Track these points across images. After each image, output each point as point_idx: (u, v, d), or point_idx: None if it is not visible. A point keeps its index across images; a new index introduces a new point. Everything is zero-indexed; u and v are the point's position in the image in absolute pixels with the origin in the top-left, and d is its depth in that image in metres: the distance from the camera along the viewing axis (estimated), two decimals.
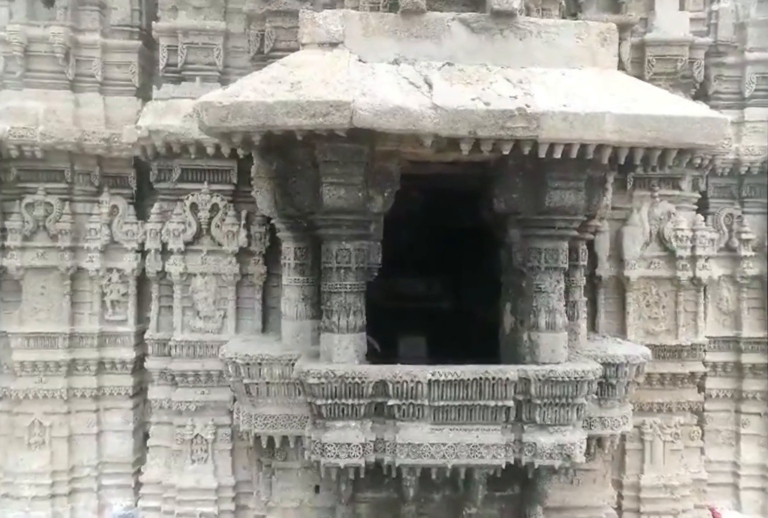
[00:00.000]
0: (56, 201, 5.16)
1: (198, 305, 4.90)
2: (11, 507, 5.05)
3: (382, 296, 4.81)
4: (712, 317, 5.55)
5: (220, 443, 4.91)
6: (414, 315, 5.29)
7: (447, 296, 6.18)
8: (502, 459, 3.77)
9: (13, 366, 5.14)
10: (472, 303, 5.39)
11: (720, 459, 5.53)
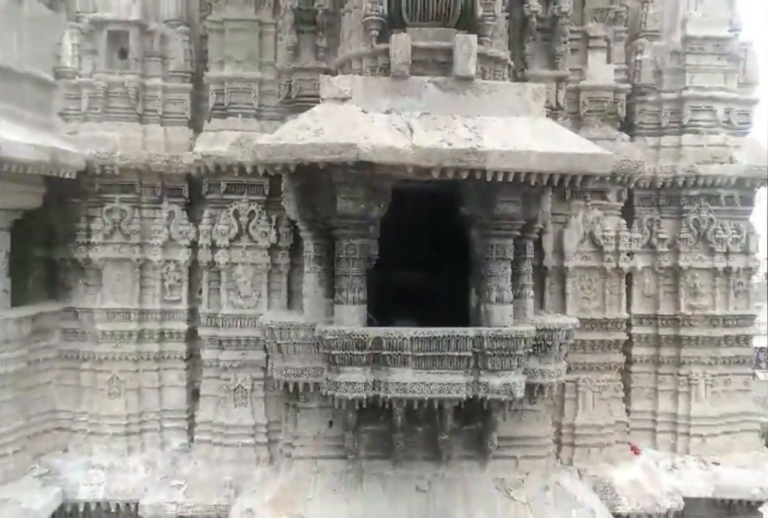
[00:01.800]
0: (128, 208, 6.49)
1: (239, 287, 6.24)
2: (97, 441, 6.38)
3: (381, 288, 6.07)
4: (637, 299, 6.87)
5: (256, 392, 6.25)
6: (407, 303, 6.54)
7: (436, 285, 7.45)
8: (464, 394, 5.11)
9: (96, 335, 6.47)
10: (455, 290, 6.68)
11: (642, 409, 6.83)
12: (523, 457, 5.85)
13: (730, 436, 6.73)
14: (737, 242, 6.76)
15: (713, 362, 6.76)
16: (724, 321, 6.74)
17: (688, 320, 6.71)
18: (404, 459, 5.77)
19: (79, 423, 6.48)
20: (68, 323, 6.57)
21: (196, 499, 5.80)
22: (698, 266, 6.72)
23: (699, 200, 6.71)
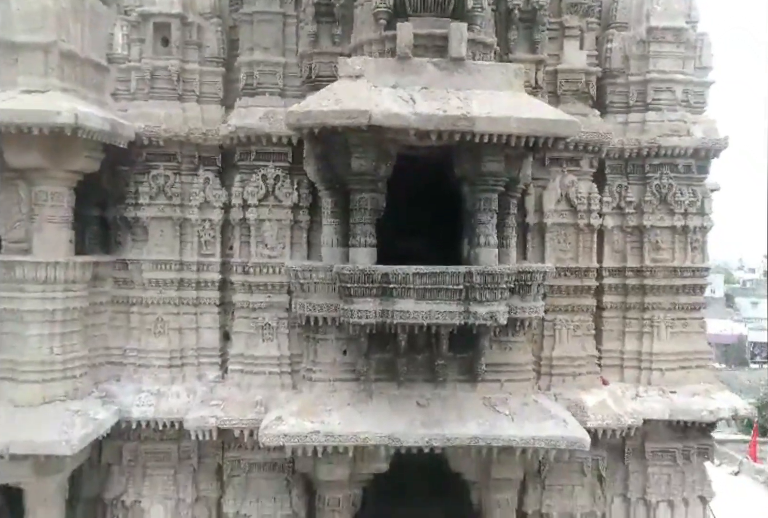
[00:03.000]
0: (171, 174, 7.44)
1: (266, 240, 7.21)
2: (145, 372, 7.36)
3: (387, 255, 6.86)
4: (607, 254, 7.83)
5: (280, 328, 7.21)
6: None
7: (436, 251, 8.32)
8: (456, 321, 6.08)
9: (143, 282, 7.44)
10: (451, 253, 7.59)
11: (612, 349, 7.79)
12: (507, 380, 6.86)
13: (686, 370, 7.70)
14: (694, 204, 7.73)
15: (673, 308, 7.73)
16: (682, 272, 7.70)
17: (652, 272, 7.67)
18: (407, 381, 6.76)
19: (129, 357, 7.47)
20: (119, 273, 7.54)
21: (233, 414, 6.80)
22: (660, 224, 7.68)
23: (661, 168, 7.67)
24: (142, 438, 7.33)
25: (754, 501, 19.50)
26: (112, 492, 7.40)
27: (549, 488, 7.35)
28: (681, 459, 7.65)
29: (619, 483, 7.72)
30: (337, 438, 6.13)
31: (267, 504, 7.14)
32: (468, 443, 6.20)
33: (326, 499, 6.76)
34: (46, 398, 6.34)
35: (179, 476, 7.41)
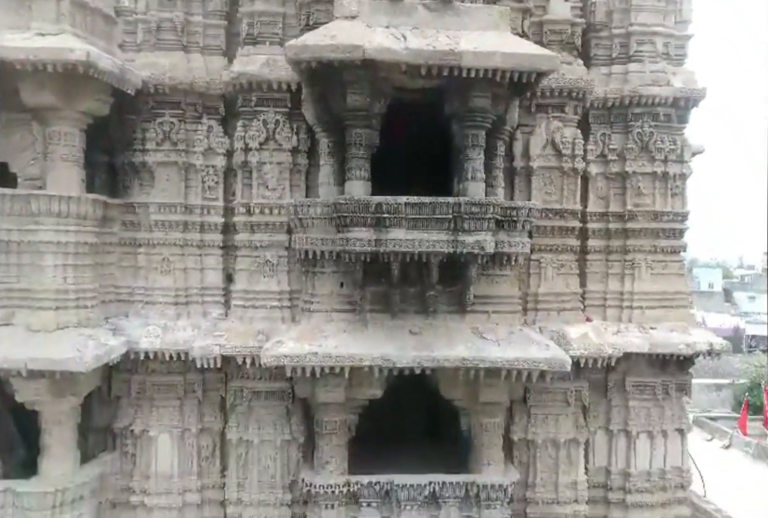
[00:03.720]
0: (176, 121, 7.79)
1: (267, 182, 7.58)
2: (152, 309, 7.72)
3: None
4: (592, 200, 8.15)
5: (281, 266, 7.59)
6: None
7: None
8: (445, 249, 6.44)
9: (150, 224, 7.81)
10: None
11: (595, 290, 8.15)
12: (494, 312, 7.24)
13: (665, 309, 8.08)
14: (673, 151, 8.09)
15: (654, 251, 8.10)
16: (662, 216, 8.07)
17: (633, 216, 8.03)
18: (400, 312, 7.13)
19: (136, 295, 7.84)
20: (127, 216, 7.90)
21: (235, 342, 7.19)
22: (641, 171, 8.04)
23: (642, 117, 8.02)
24: (150, 371, 7.72)
25: (743, 471, 20.07)
26: (121, 422, 7.80)
27: (534, 417, 7.76)
28: (660, 394, 8.04)
29: (602, 417, 8.12)
30: (333, 358, 6.51)
31: (268, 431, 7.54)
32: (457, 364, 6.59)
33: (324, 423, 7.15)
34: (60, 324, 6.71)
35: (185, 408, 7.80)
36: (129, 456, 7.81)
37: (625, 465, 8.02)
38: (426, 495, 7.05)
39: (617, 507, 8.02)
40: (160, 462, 7.72)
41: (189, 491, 7.75)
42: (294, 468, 7.55)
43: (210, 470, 7.87)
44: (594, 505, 8.05)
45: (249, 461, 7.53)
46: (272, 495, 7.50)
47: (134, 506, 7.74)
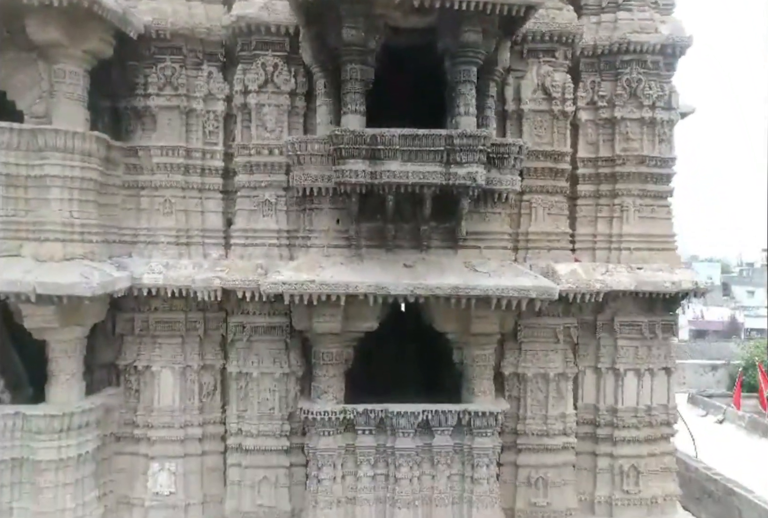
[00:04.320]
0: (177, 66, 8.01)
1: (266, 123, 7.80)
2: (155, 249, 7.92)
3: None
4: (582, 146, 8.37)
5: (279, 205, 7.81)
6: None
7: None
8: (438, 180, 6.70)
9: (152, 167, 8.05)
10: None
11: (585, 233, 8.39)
12: (486, 248, 7.50)
13: (652, 251, 8.32)
14: (661, 98, 8.32)
15: (642, 195, 8.34)
16: (650, 161, 8.30)
17: (622, 160, 8.26)
18: (395, 248, 7.41)
19: (139, 236, 8.07)
20: (130, 159, 8.11)
21: (236, 276, 7.43)
22: (630, 116, 8.26)
23: (631, 64, 8.23)
24: (152, 309, 7.97)
25: (737, 444, 20.38)
26: (125, 359, 8.06)
27: (525, 352, 8.02)
28: (648, 333, 8.29)
29: (591, 356, 8.38)
30: (330, 286, 6.77)
31: (267, 364, 7.80)
32: (448, 292, 6.85)
33: (321, 354, 7.42)
34: (66, 255, 6.96)
35: (186, 345, 8.06)
36: (133, 392, 8.08)
37: (612, 402, 8.29)
38: (419, 423, 7.32)
39: (605, 443, 8.28)
40: (163, 397, 7.98)
41: (191, 425, 8.02)
42: (292, 400, 7.82)
43: (211, 406, 8.14)
44: (583, 441, 8.33)
45: (248, 393, 7.80)
46: (271, 426, 7.76)
47: (138, 439, 8.01)
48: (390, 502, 7.37)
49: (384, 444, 7.41)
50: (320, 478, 7.35)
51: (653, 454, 8.34)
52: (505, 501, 7.83)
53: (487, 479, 7.44)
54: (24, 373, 8.24)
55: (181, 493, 7.94)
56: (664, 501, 8.35)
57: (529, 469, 7.96)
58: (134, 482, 8.00)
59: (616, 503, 8.19)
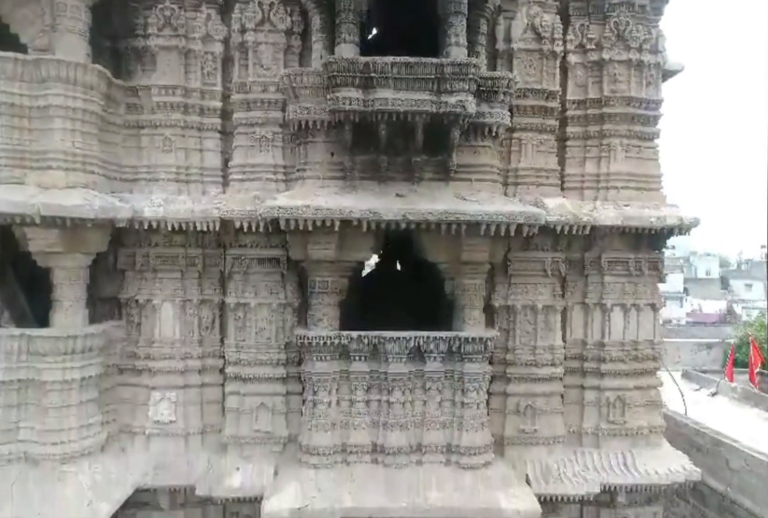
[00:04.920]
0: (176, 8, 8.17)
1: (263, 61, 7.97)
2: (155, 185, 8.07)
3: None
4: (571, 89, 8.56)
5: (276, 141, 8.02)
6: None
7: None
8: (429, 108, 6.91)
9: (152, 106, 8.18)
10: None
11: (574, 173, 8.60)
12: (477, 180, 7.73)
13: (639, 191, 8.53)
14: (648, 41, 8.52)
15: (629, 135, 8.54)
16: (637, 102, 8.51)
17: (610, 101, 8.48)
18: (387, 179, 7.64)
19: (140, 173, 8.29)
20: (130, 99, 8.31)
21: (233, 207, 7.69)
22: (617, 58, 8.46)
23: (619, 7, 8.42)
24: (153, 244, 8.20)
25: (730, 414, 20.70)
26: (126, 293, 8.30)
27: (514, 285, 8.27)
28: (634, 270, 8.53)
29: (579, 293, 8.63)
30: (324, 211, 7.01)
31: (264, 295, 8.06)
32: (439, 217, 7.08)
33: (317, 283, 7.67)
34: (69, 183, 7.18)
35: (186, 281, 8.29)
36: (134, 325, 8.32)
37: (600, 336, 8.54)
38: (411, 349, 7.57)
39: (592, 376, 8.55)
40: (164, 329, 8.23)
41: (190, 357, 8.27)
42: (289, 331, 8.07)
43: (210, 339, 8.39)
44: (571, 375, 8.60)
45: (246, 324, 8.05)
46: (268, 354, 8.02)
47: (139, 371, 8.26)
48: (383, 425, 7.64)
49: (377, 369, 7.66)
50: (316, 402, 7.61)
51: (639, 387, 8.60)
52: (494, 428, 8.09)
53: (477, 404, 7.70)
54: (27, 308, 8.46)
55: (181, 422, 8.20)
56: (649, 432, 8.62)
57: (518, 398, 8.23)
58: (136, 412, 8.25)
59: (602, 433, 8.47)
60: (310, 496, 7.13)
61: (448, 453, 7.67)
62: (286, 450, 8.05)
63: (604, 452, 8.40)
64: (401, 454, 7.59)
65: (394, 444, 7.57)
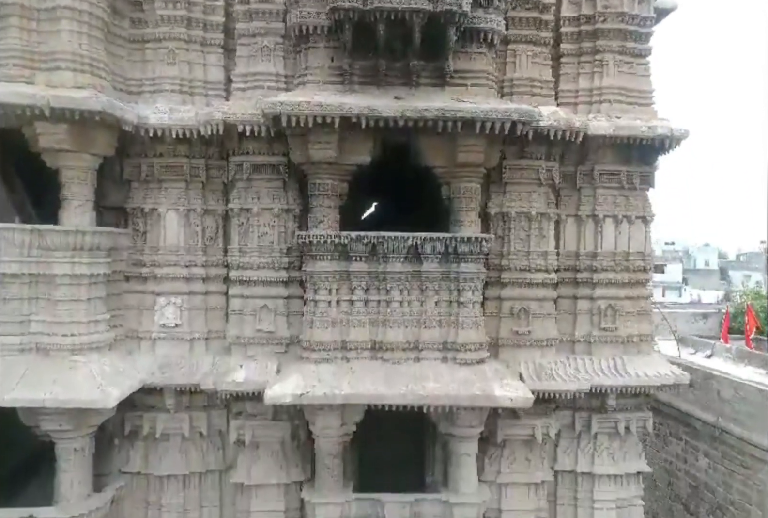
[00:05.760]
0: None
1: None
2: (160, 96, 8.27)
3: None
4: (565, 5, 8.81)
5: (276, 51, 8.17)
6: None
7: None
8: (426, 6, 7.11)
9: (156, 20, 8.42)
10: None
11: (567, 89, 8.77)
12: (472, 85, 7.93)
13: (631, 105, 8.65)
14: None
15: (622, 52, 8.70)
16: (629, 18, 8.68)
17: (603, 17, 8.64)
18: (386, 84, 7.83)
19: (145, 86, 8.46)
20: (135, 13, 8.48)
21: (236, 110, 7.89)
22: None
23: None
24: (158, 154, 8.43)
25: (723, 371, 21.03)
26: (132, 202, 8.55)
27: (509, 193, 8.51)
28: (626, 182, 8.77)
29: (573, 206, 8.87)
30: (325, 107, 7.22)
31: (266, 201, 8.30)
32: (436, 115, 7.29)
33: (317, 185, 7.90)
34: (77, 83, 7.31)
35: (190, 191, 8.53)
36: (140, 234, 8.57)
37: (593, 247, 8.79)
38: (409, 248, 7.80)
39: (585, 286, 8.81)
40: (168, 237, 8.48)
41: (194, 265, 8.53)
42: (290, 236, 8.31)
43: (214, 249, 8.63)
44: (564, 286, 8.86)
45: (249, 229, 8.31)
46: (270, 258, 8.28)
47: (145, 278, 8.52)
48: (382, 323, 7.90)
49: (376, 269, 7.90)
50: (317, 301, 7.86)
51: (630, 297, 8.86)
52: (489, 331, 8.36)
53: (473, 303, 7.95)
54: (35, 216, 8.72)
55: (186, 326, 8.47)
56: (640, 340, 8.89)
57: (513, 302, 8.49)
58: (142, 317, 8.52)
59: (594, 340, 8.74)
60: (311, 385, 7.40)
61: (444, 351, 7.93)
62: (288, 351, 8.32)
63: (596, 358, 8.68)
64: (399, 350, 7.86)
65: (392, 340, 7.83)
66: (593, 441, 8.87)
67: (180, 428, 8.48)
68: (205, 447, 8.67)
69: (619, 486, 8.89)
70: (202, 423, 8.58)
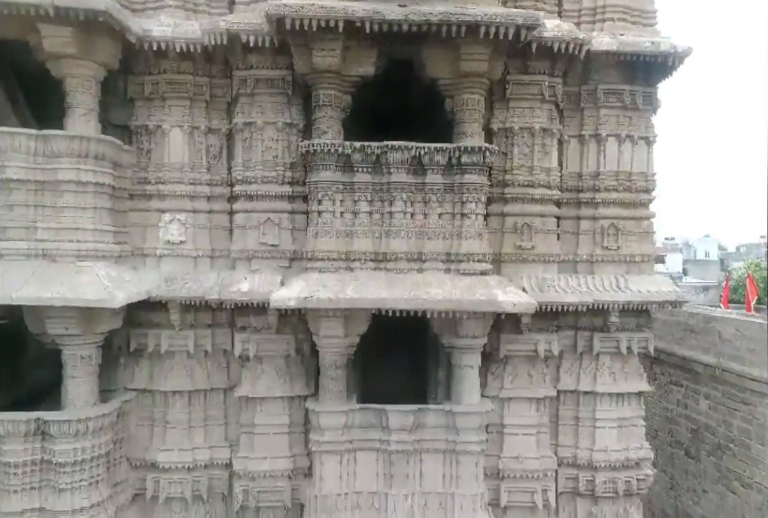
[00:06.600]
0: None
1: None
2: (162, 12, 8.34)
3: None
4: None
5: None
6: None
7: None
8: None
9: None
10: None
11: (570, 8, 8.88)
12: None
13: (635, 24, 8.69)
14: None
15: None
16: None
17: None
18: None
19: (148, 3, 8.48)
20: None
21: (240, 20, 7.90)
22: None
23: None
24: (162, 71, 8.41)
25: None
26: (136, 120, 8.55)
27: (512, 109, 8.51)
28: (629, 102, 8.75)
29: (576, 126, 8.86)
30: (329, 9, 7.19)
31: (270, 115, 8.30)
32: (440, 18, 7.27)
33: (321, 96, 7.86)
34: None
35: (194, 109, 8.51)
36: (144, 152, 8.57)
37: (595, 167, 8.80)
38: (413, 158, 7.81)
39: (588, 206, 8.84)
40: (173, 154, 8.49)
41: (198, 183, 8.53)
42: (294, 151, 8.33)
43: (218, 167, 8.64)
44: (567, 207, 8.89)
45: (253, 144, 8.31)
46: (275, 172, 8.30)
47: (150, 195, 8.54)
48: (385, 234, 7.93)
49: (380, 181, 7.92)
50: (321, 212, 7.88)
51: (633, 217, 8.89)
52: (492, 247, 8.35)
53: (476, 215, 7.96)
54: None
55: (190, 243, 8.50)
56: (642, 260, 8.92)
57: (516, 217, 8.52)
58: (147, 234, 8.54)
59: (596, 259, 8.77)
60: (315, 290, 7.44)
61: (447, 262, 7.95)
62: (292, 267, 8.36)
63: (598, 276, 8.71)
64: (403, 261, 7.88)
65: (396, 251, 7.86)
66: (595, 361, 8.92)
67: (185, 345, 8.52)
68: (209, 364, 8.72)
69: (620, 406, 8.94)
70: (207, 341, 8.63)
